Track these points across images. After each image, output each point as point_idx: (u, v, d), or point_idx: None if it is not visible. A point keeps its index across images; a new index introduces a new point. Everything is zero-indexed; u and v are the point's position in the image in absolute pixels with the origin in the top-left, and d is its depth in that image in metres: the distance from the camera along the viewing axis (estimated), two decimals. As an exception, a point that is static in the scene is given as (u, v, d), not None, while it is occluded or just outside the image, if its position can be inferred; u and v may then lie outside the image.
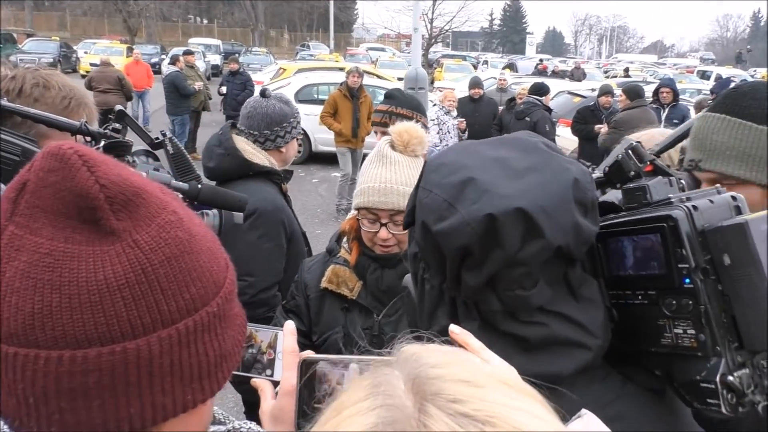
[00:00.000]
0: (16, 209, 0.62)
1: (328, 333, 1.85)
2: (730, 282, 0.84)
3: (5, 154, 1.35)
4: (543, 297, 0.86)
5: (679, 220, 0.85)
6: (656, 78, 26.67)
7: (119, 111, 1.57)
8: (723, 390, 0.82)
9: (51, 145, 0.63)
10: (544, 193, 0.85)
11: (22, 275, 0.60)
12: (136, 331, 0.62)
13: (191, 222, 0.70)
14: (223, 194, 1.74)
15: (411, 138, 1.79)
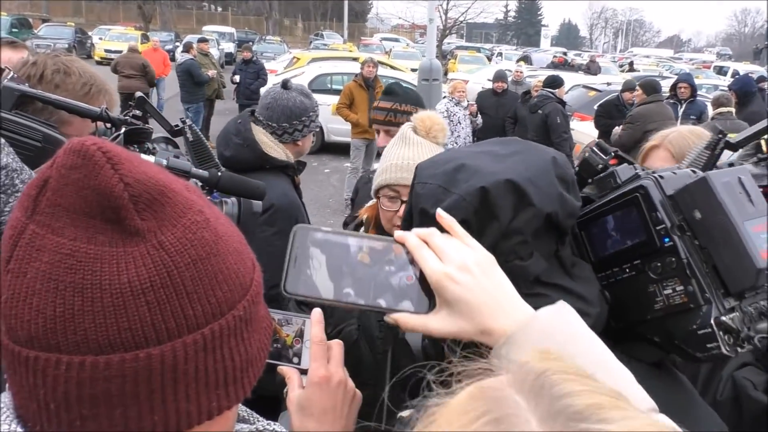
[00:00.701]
0: (37, 207, 0.60)
1: (342, 325, 1.85)
2: (705, 233, 0.91)
3: (27, 140, 1.36)
4: (539, 266, 0.92)
5: (648, 187, 0.94)
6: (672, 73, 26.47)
7: (140, 98, 1.58)
8: (720, 332, 0.87)
9: (74, 140, 0.60)
10: (529, 167, 0.92)
11: (43, 277, 0.58)
12: (161, 336, 0.60)
13: (218, 222, 0.67)
14: (243, 182, 1.74)
15: (433, 124, 1.85)
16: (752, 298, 0.91)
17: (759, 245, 0.88)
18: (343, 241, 0.89)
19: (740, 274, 0.88)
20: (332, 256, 0.88)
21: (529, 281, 0.92)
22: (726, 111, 7.63)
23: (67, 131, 1.50)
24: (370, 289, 0.87)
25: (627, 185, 0.99)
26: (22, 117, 1.37)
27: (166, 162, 1.55)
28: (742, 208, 0.90)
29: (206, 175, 1.64)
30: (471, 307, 0.81)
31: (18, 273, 0.59)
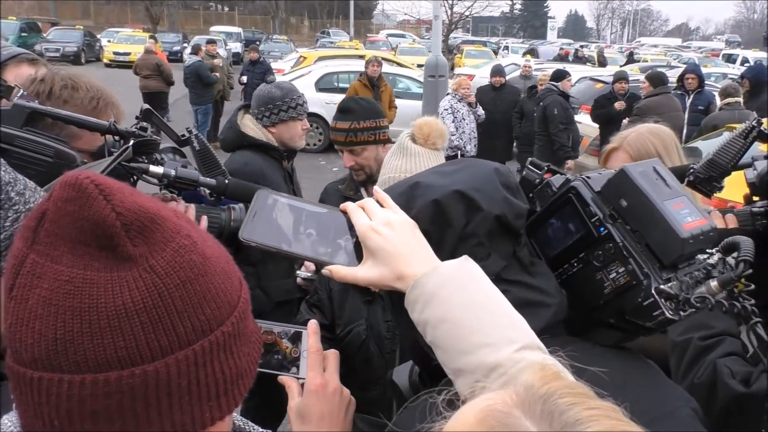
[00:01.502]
0: (36, 238, 0.65)
1: (351, 326, 1.88)
2: (633, 217, 1.04)
3: (39, 156, 1.39)
4: (498, 265, 1.03)
5: (578, 187, 1.09)
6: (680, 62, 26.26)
7: (146, 110, 1.61)
8: (661, 299, 0.99)
9: (68, 174, 0.65)
10: (474, 178, 1.06)
11: (44, 302, 0.62)
12: (155, 353, 0.64)
13: (205, 244, 0.72)
14: (250, 188, 1.77)
15: (432, 131, 1.84)
16: (687, 268, 1.03)
17: (681, 219, 1.01)
18: (298, 205, 1.05)
19: (669, 246, 1.00)
20: (286, 216, 1.03)
21: (491, 280, 1.00)
22: (734, 101, 7.61)
23: (77, 145, 1.54)
24: (313, 245, 1.01)
25: (561, 190, 1.13)
26: (33, 133, 1.40)
27: (174, 172, 1.59)
28: (659, 190, 1.03)
29: (214, 183, 1.68)
30: (388, 255, 0.93)
31: (20, 300, 0.64)
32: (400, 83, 13.18)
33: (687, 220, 1.01)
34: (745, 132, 1.59)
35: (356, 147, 2.56)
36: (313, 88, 12.86)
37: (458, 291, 0.88)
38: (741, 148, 1.60)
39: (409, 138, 1.86)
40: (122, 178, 1.53)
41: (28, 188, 1.10)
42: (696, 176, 1.65)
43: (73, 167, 1.44)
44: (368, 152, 2.60)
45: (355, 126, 2.56)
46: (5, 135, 1.37)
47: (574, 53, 24.67)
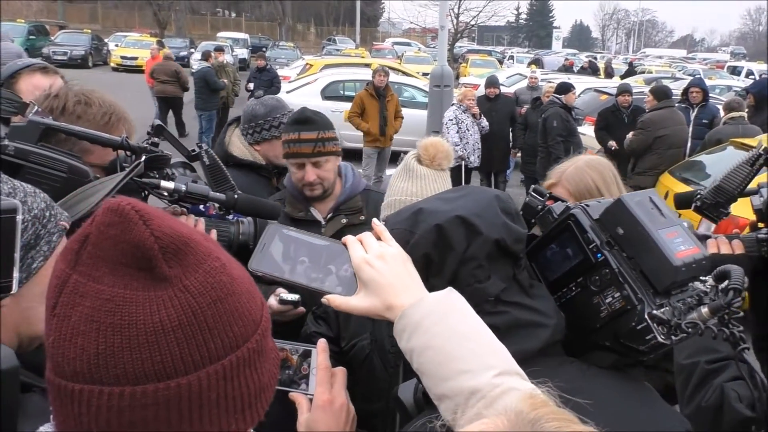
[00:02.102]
0: (79, 259, 0.69)
1: (356, 339, 1.90)
2: (629, 244, 1.09)
3: (54, 171, 1.42)
4: (497, 287, 1.08)
5: (577, 215, 1.14)
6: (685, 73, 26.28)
7: (158, 126, 1.64)
8: (654, 323, 1.03)
9: (111, 200, 0.71)
10: (475, 204, 1.11)
11: (86, 319, 0.67)
12: (188, 367, 0.69)
13: (232, 266, 0.77)
14: (259, 203, 1.81)
15: (437, 152, 1.84)
16: (680, 294, 1.07)
17: (674, 248, 1.05)
18: (304, 239, 1.13)
19: (661, 273, 1.05)
20: (292, 248, 1.11)
21: (491, 301, 1.08)
22: (738, 116, 7.62)
23: (90, 160, 1.56)
24: (315, 275, 1.09)
25: (561, 217, 1.18)
26: (47, 149, 1.43)
27: (185, 187, 1.62)
28: (655, 220, 1.08)
29: (224, 198, 1.71)
30: (379, 286, 1.00)
31: (63, 317, 0.68)
32: (405, 92, 13.21)
33: (680, 248, 1.06)
34: (752, 159, 1.61)
35: (321, 158, 2.46)
36: (319, 96, 12.92)
37: (441, 321, 0.94)
38: (748, 174, 1.62)
39: (414, 159, 1.86)
40: (134, 193, 1.56)
41: (28, 195, 1.11)
42: (703, 202, 1.68)
43: (85, 182, 1.46)
44: (331, 164, 2.51)
45: (322, 136, 2.45)
46: (20, 151, 1.39)
47: (588, 64, 24.64)
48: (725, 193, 1.65)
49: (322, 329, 2.02)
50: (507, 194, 1.20)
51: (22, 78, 2.36)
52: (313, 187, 2.48)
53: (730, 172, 1.65)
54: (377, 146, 9.36)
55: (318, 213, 2.56)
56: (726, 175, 1.66)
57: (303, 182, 2.48)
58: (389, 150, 9.58)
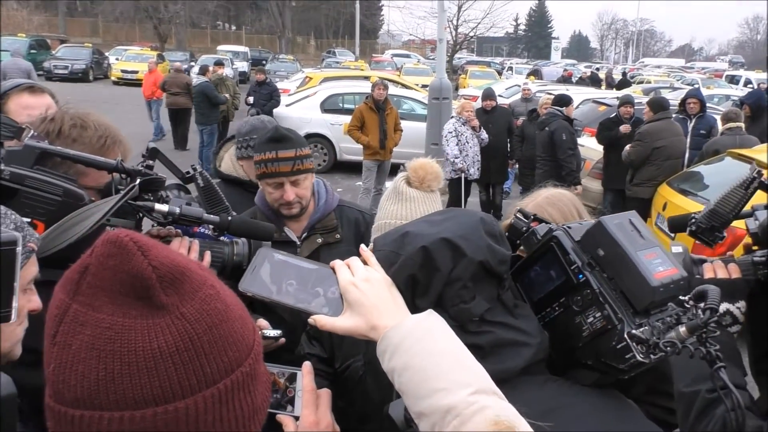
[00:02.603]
0: (78, 289, 0.72)
1: (350, 360, 1.90)
2: (609, 265, 1.12)
3: (49, 195, 1.44)
4: (481, 307, 1.11)
5: (560, 236, 1.18)
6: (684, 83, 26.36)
7: (152, 149, 1.65)
8: (633, 343, 1.06)
9: (110, 233, 0.73)
10: (459, 227, 1.14)
11: (87, 347, 0.69)
12: (185, 391, 0.71)
13: (225, 294, 0.80)
14: (253, 225, 1.82)
15: (426, 174, 1.83)
16: (659, 314, 1.10)
17: (652, 269, 1.08)
18: (293, 262, 1.17)
19: (640, 293, 1.08)
20: (282, 271, 1.15)
21: (476, 321, 1.10)
22: (735, 126, 7.64)
23: (85, 182, 1.58)
24: (302, 296, 1.12)
25: (544, 239, 1.21)
26: (42, 173, 1.45)
27: (179, 210, 1.63)
28: (634, 241, 1.12)
29: (217, 220, 1.72)
30: (364, 308, 1.04)
31: (64, 345, 0.70)
32: (404, 105, 13.27)
33: (658, 269, 1.09)
34: (746, 183, 1.61)
35: (300, 176, 2.41)
36: (318, 108, 12.98)
37: (419, 341, 0.97)
38: (742, 198, 1.62)
39: (404, 181, 1.85)
40: (129, 215, 1.58)
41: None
42: (698, 226, 1.68)
43: (80, 205, 1.48)
44: (308, 181, 2.47)
45: (300, 153, 2.39)
46: (16, 175, 1.41)
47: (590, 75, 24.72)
48: (720, 217, 1.65)
49: (315, 350, 2.02)
50: (491, 217, 1.23)
51: (11, 99, 2.38)
52: (292, 206, 2.43)
53: (725, 196, 1.65)
54: (377, 159, 9.39)
55: (292, 233, 2.52)
56: (720, 199, 1.66)
57: (281, 201, 2.42)
58: (389, 163, 9.62)
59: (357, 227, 2.60)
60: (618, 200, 8.72)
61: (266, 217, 2.51)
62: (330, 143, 12.85)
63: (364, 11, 55.30)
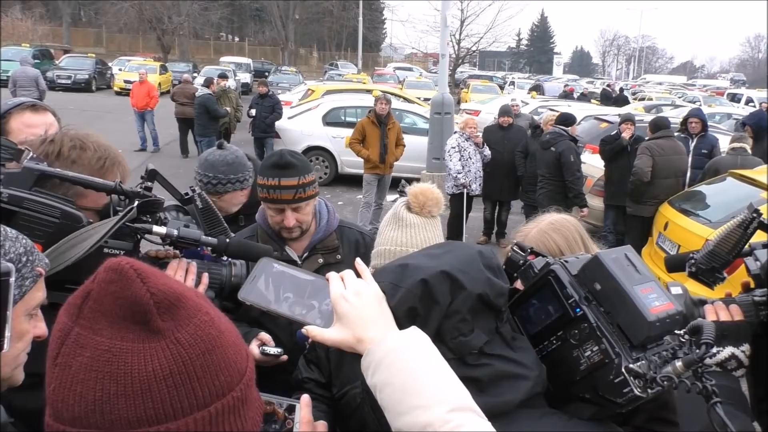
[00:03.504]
0: (80, 313, 0.75)
1: (347, 387, 1.87)
2: (606, 300, 1.13)
3: (47, 217, 1.43)
4: (480, 340, 1.12)
5: (557, 270, 1.20)
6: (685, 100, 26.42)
7: (151, 170, 1.65)
8: (630, 377, 1.06)
9: (111, 260, 0.77)
10: (458, 260, 1.15)
11: (85, 368, 0.72)
12: (177, 413, 0.73)
13: (219, 320, 0.82)
14: (250, 247, 1.81)
15: (427, 200, 1.81)
16: (655, 348, 1.11)
17: (648, 303, 1.10)
18: (291, 273, 1.20)
19: (637, 328, 1.09)
20: (280, 281, 1.18)
21: (474, 354, 1.11)
22: (739, 147, 7.64)
23: (83, 203, 1.57)
24: (298, 306, 1.15)
25: (541, 272, 1.23)
26: (40, 195, 1.44)
27: (177, 232, 1.62)
28: (630, 276, 1.13)
29: (215, 243, 1.71)
30: (351, 320, 1.06)
31: (64, 366, 0.74)
32: (406, 119, 13.30)
33: (654, 304, 1.10)
34: (745, 223, 1.59)
35: (302, 203, 2.41)
36: (320, 121, 13.01)
37: (401, 358, 0.99)
38: (741, 238, 1.60)
39: (404, 207, 1.83)
40: (127, 237, 1.57)
41: (8, 239, 1.13)
42: (698, 267, 1.66)
43: (78, 227, 1.47)
44: (310, 207, 2.47)
45: (302, 181, 2.38)
46: (14, 198, 1.41)
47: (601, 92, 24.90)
48: (719, 258, 1.63)
49: (314, 374, 2.00)
50: (490, 250, 1.25)
51: (13, 117, 2.39)
52: (292, 231, 2.44)
53: (724, 237, 1.63)
54: (377, 173, 9.39)
55: (293, 252, 2.53)
56: (719, 240, 1.64)
57: (281, 226, 2.43)
58: (389, 177, 9.62)
59: (357, 248, 2.62)
60: (619, 218, 8.70)
61: (267, 235, 2.52)
62: (331, 156, 12.87)
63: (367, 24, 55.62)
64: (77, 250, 1.44)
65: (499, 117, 9.70)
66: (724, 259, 1.63)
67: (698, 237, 5.72)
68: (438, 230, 1.85)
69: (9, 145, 1.53)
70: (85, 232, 1.47)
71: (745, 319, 1.61)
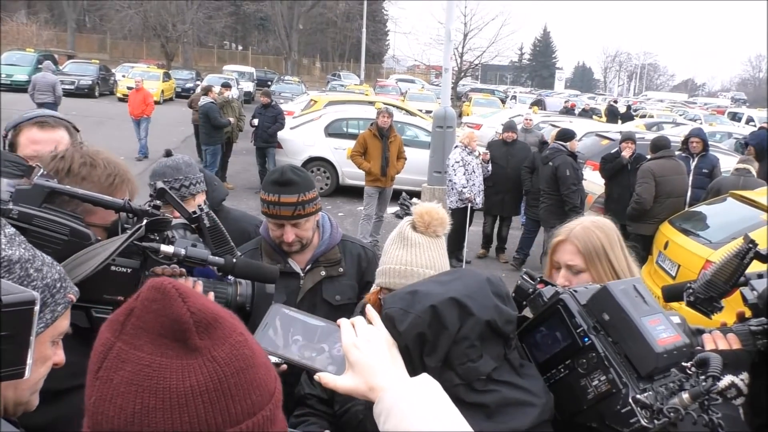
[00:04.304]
0: (123, 329, 0.79)
1: (349, 404, 1.88)
2: (614, 330, 1.15)
3: (55, 234, 1.44)
4: (488, 366, 1.13)
5: (566, 300, 1.21)
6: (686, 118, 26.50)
7: (160, 189, 1.66)
8: (637, 407, 1.07)
9: (155, 280, 0.82)
10: (467, 286, 1.17)
11: (126, 382, 0.75)
12: (211, 428, 0.76)
13: (252, 341, 0.86)
14: (257, 268, 1.81)
15: (432, 219, 1.82)
16: (662, 380, 1.12)
17: (656, 335, 1.11)
18: (302, 319, 1.22)
19: (644, 359, 1.11)
20: (290, 328, 1.20)
21: (482, 380, 1.12)
22: (743, 168, 7.67)
23: (92, 220, 1.58)
24: (309, 353, 1.17)
25: (551, 301, 1.25)
26: (50, 212, 1.45)
27: (184, 251, 1.63)
28: (638, 307, 1.15)
29: (222, 262, 1.71)
30: (363, 368, 1.07)
31: (106, 380, 0.77)
32: (408, 131, 13.34)
33: (662, 336, 1.12)
34: (742, 253, 1.60)
35: (301, 220, 2.46)
36: (322, 133, 13.05)
37: (411, 406, 1.00)
38: (737, 268, 1.61)
39: (409, 226, 1.84)
40: (134, 255, 1.57)
41: (45, 264, 1.16)
42: (696, 297, 1.67)
43: (86, 245, 1.48)
44: (310, 223, 2.51)
45: (302, 198, 2.42)
46: (24, 215, 1.41)
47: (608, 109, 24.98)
48: (717, 288, 1.65)
49: (315, 390, 2.01)
50: (498, 277, 1.26)
51: (22, 132, 2.40)
52: (292, 245, 2.50)
53: (721, 267, 1.64)
54: (378, 186, 9.42)
55: (296, 264, 2.58)
56: (716, 270, 1.65)
57: (281, 240, 2.49)
58: (390, 190, 9.65)
59: (359, 262, 2.66)
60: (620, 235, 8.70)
61: (270, 248, 2.57)
62: (333, 167, 12.90)
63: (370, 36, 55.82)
64: (85, 267, 1.45)
65: (503, 132, 9.74)
66: (721, 289, 1.64)
67: (698, 257, 5.73)
68: (443, 250, 1.86)
69: (20, 162, 1.54)
70: (93, 249, 1.48)
71: (743, 347, 1.62)
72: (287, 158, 12.52)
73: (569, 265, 1.96)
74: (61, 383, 1.35)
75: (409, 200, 1.98)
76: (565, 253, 2.00)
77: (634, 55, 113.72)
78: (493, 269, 9.16)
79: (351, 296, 2.61)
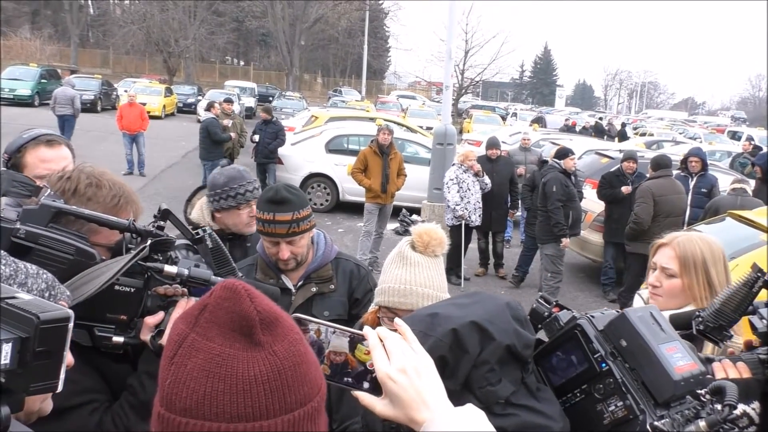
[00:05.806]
0: (197, 322, 0.89)
1: (347, 423, 1.90)
2: (632, 356, 1.16)
3: (61, 254, 1.46)
4: (507, 390, 1.15)
5: (584, 325, 1.22)
6: (686, 137, 26.58)
7: (164, 210, 1.69)
8: None
9: (228, 281, 0.91)
10: (488, 311, 1.18)
11: (199, 368, 0.85)
12: (269, 414, 0.85)
13: (305, 341, 0.96)
14: (260, 289, 1.83)
15: (431, 239, 1.86)
16: (679, 406, 1.13)
17: (674, 363, 1.13)
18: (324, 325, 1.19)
19: (662, 386, 1.12)
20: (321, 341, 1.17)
21: (501, 404, 1.14)
22: (739, 187, 7.71)
23: (96, 239, 1.61)
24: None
25: (567, 326, 1.26)
26: (56, 231, 1.48)
27: (187, 272, 1.65)
28: (656, 334, 1.17)
29: (223, 282, 1.74)
30: (402, 402, 1.06)
31: (180, 365, 0.87)
32: (409, 148, 13.40)
33: (679, 363, 1.13)
34: (750, 282, 1.61)
35: (296, 237, 2.52)
36: (323, 149, 13.11)
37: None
38: (746, 296, 1.62)
39: (408, 246, 1.88)
40: (137, 275, 1.60)
41: (30, 276, 1.15)
42: (705, 325, 1.68)
43: (91, 264, 1.51)
44: (305, 240, 2.57)
45: (296, 216, 2.48)
46: (31, 234, 1.44)
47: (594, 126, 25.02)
48: (726, 316, 1.65)
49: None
50: (516, 302, 1.28)
51: (28, 151, 2.42)
52: (287, 263, 2.56)
53: (729, 296, 1.64)
54: (378, 203, 9.45)
55: (289, 281, 2.64)
56: (725, 299, 1.66)
57: (277, 257, 2.55)
58: (390, 207, 9.68)
59: (351, 279, 2.72)
60: (619, 254, 8.74)
61: (266, 264, 2.64)
62: (333, 183, 12.94)
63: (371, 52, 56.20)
64: (90, 286, 1.47)
65: (486, 149, 9.81)
66: (730, 317, 1.64)
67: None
68: (441, 269, 1.90)
69: (28, 182, 1.57)
70: (98, 269, 1.50)
71: (753, 376, 1.63)
72: (288, 174, 12.57)
73: (664, 267, 2.05)
74: (66, 401, 1.36)
75: (409, 217, 2.02)
76: (663, 256, 2.12)
77: (634, 73, 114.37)
78: (492, 287, 9.17)
79: (341, 312, 2.65)
